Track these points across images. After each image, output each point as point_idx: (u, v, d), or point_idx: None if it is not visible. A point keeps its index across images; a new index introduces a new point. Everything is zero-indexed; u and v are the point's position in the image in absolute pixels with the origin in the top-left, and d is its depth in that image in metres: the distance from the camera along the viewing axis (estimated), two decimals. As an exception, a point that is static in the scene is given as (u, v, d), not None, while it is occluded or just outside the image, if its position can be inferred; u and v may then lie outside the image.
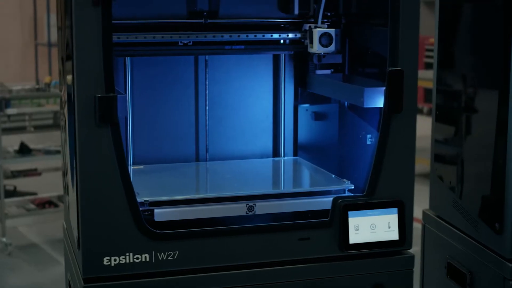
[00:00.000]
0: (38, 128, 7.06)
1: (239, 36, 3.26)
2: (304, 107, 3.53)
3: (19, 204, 7.11)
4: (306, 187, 3.20)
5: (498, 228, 2.96)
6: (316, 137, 3.52)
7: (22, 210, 7.05)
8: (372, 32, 3.16)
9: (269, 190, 2.98)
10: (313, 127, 3.53)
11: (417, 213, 3.54)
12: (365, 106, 2.94)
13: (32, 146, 7.07)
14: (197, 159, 3.42)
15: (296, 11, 3.38)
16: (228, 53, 3.34)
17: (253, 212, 2.89)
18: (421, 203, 3.78)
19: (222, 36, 3.24)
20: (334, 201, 2.89)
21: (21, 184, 7.74)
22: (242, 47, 3.30)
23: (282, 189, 3.03)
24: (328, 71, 3.39)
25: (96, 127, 2.63)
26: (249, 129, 3.48)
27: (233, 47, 3.29)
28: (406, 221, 2.95)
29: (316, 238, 2.89)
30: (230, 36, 3.25)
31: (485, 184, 3.07)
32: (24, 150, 6.99)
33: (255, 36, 3.28)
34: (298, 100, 3.51)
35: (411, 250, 2.99)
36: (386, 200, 2.93)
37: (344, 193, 3.01)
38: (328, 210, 2.90)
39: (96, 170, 2.66)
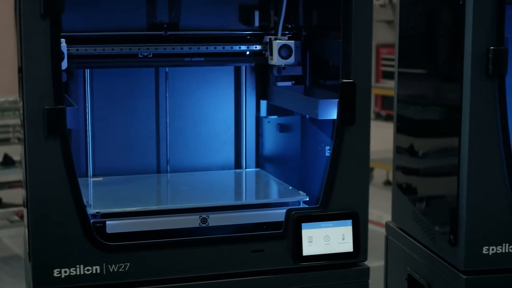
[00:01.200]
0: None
1: (198, 48, 3.27)
2: (267, 118, 3.53)
3: (2, 215, 7.10)
4: (261, 199, 3.19)
5: (453, 240, 2.96)
6: (281, 149, 3.52)
7: (6, 221, 7.04)
8: (331, 44, 3.16)
9: (223, 202, 2.98)
10: (278, 139, 3.53)
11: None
12: (319, 118, 2.94)
13: (16, 157, 7.07)
14: (158, 170, 3.43)
15: (257, 23, 3.39)
16: (188, 65, 3.35)
17: (207, 224, 2.89)
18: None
19: (181, 48, 3.25)
20: (288, 213, 2.89)
21: (5, 195, 7.73)
22: (202, 59, 3.30)
23: (235, 201, 3.02)
24: (289, 83, 3.40)
25: (45, 139, 2.64)
26: (211, 141, 3.48)
27: (193, 59, 3.30)
28: (361, 233, 2.94)
29: (270, 250, 2.89)
30: (190, 48, 3.26)
31: (441, 196, 3.07)
32: (8, 162, 6.98)
33: (215, 48, 3.29)
34: (260, 111, 3.52)
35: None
36: (340, 212, 2.93)
37: (299, 205, 3.01)
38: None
39: (45, 182, 2.66)
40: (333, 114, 2.91)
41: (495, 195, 2.89)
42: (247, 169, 3.49)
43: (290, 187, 3.18)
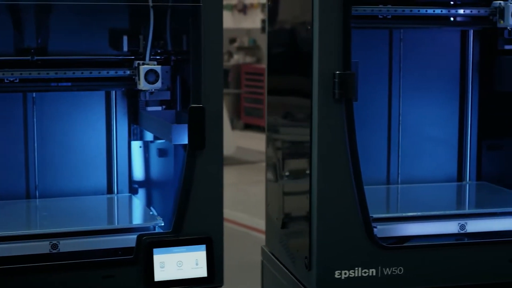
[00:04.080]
0: None
1: (65, 73, 3.24)
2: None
3: None
4: (116, 224, 3.17)
5: (307, 264, 2.96)
6: (157, 174, 3.51)
7: None
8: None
9: (75, 227, 2.95)
10: (157, 164, 3.52)
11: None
12: (173, 143, 2.95)
13: None
14: (28, 196, 3.40)
15: (126, 48, 3.38)
16: (54, 90, 3.33)
17: (57, 250, 2.86)
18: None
19: (47, 74, 3.23)
20: (139, 238, 2.88)
21: None
22: (69, 84, 3.28)
23: (88, 227, 2.99)
24: (159, 108, 3.39)
25: None
26: (82, 166, 3.46)
27: (60, 84, 3.27)
28: (215, 258, 2.94)
29: (121, 276, 2.87)
30: (56, 73, 3.24)
31: (298, 220, 3.07)
32: None
33: (82, 73, 3.26)
34: (131, 136, 3.50)
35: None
36: (193, 237, 2.92)
37: (154, 230, 3.00)
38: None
39: None
40: (186, 139, 2.91)
41: (346, 219, 2.90)
42: (118, 194, 3.47)
43: (151, 212, 3.17)
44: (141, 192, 3.57)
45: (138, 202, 3.39)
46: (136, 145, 3.55)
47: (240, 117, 12.68)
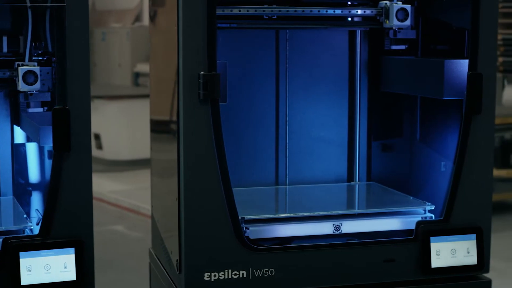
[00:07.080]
0: None
1: None
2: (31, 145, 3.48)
3: None
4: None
5: (178, 266, 2.93)
6: (46, 177, 3.47)
7: None
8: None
9: None
10: (48, 166, 3.47)
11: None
12: (41, 145, 2.91)
13: None
14: None
15: (5, 49, 3.34)
16: None
17: None
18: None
19: None
20: (5, 241, 2.84)
21: None
22: None
23: None
24: (40, 109, 3.35)
25: None
26: (-35, 169, 3.41)
27: None
28: (86, 261, 2.90)
29: (-14, 281, 2.83)
30: None
31: (172, 223, 3.05)
32: None
33: (-45, 74, 3.22)
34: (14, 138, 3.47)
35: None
36: (62, 240, 2.88)
37: (23, 233, 2.96)
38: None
39: None
40: (53, 141, 2.87)
41: (215, 221, 2.89)
42: (1, 197, 3.43)
43: (25, 215, 3.13)
44: (34, 194, 3.53)
45: (18, 205, 3.34)
46: (30, 147, 3.50)
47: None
